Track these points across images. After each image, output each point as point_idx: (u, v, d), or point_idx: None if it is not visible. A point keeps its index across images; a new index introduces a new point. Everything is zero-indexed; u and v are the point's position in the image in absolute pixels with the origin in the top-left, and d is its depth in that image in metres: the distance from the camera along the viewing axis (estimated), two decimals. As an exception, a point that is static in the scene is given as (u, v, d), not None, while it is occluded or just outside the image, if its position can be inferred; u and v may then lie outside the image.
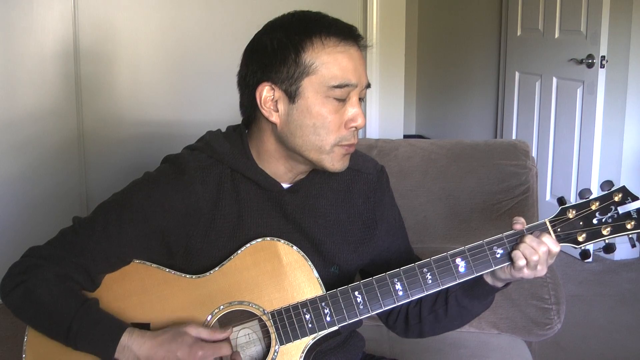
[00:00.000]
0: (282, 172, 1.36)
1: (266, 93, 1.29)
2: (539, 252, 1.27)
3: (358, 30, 1.31)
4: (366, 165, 1.46)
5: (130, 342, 1.27)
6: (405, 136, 4.20)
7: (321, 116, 1.27)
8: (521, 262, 1.27)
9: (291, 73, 1.26)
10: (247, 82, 1.31)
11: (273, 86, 1.28)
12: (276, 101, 1.29)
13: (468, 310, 1.40)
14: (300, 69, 1.26)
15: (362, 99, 1.32)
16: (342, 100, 1.28)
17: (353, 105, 1.29)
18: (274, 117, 1.30)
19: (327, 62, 1.26)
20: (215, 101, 3.36)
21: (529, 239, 1.28)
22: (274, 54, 1.27)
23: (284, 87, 1.27)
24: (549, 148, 4.13)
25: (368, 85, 1.32)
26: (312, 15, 1.31)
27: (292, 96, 1.27)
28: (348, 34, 1.28)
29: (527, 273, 1.29)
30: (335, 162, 1.31)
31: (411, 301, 1.35)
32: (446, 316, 1.42)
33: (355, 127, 1.29)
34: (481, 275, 1.33)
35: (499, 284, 1.36)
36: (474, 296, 1.38)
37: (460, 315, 1.42)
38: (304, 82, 1.26)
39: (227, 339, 1.31)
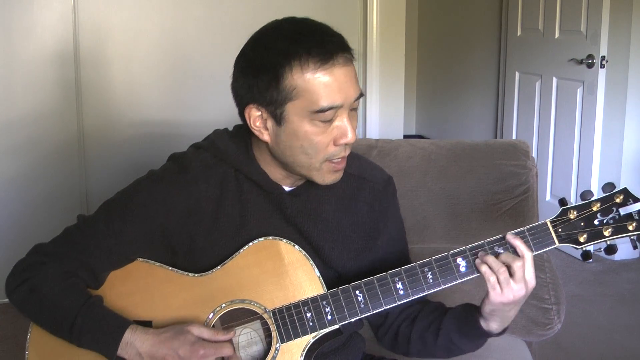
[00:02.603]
0: (281, 178, 1.36)
1: (254, 113, 1.27)
2: (497, 271, 1.25)
3: (344, 41, 1.25)
4: (373, 174, 1.45)
5: (133, 339, 1.28)
6: (405, 136, 4.20)
7: (308, 139, 1.25)
8: (492, 278, 1.26)
9: (274, 98, 1.24)
10: (237, 99, 1.30)
11: (259, 107, 1.26)
12: (265, 120, 1.27)
13: (456, 345, 1.38)
14: (282, 95, 1.23)
15: (355, 109, 1.29)
16: (329, 121, 1.25)
17: (342, 121, 1.25)
18: (265, 136, 1.29)
19: (309, 87, 1.22)
20: (215, 102, 3.36)
21: (491, 259, 1.26)
22: (257, 77, 1.24)
23: (270, 110, 1.26)
24: (549, 148, 4.13)
25: (360, 95, 1.28)
26: (294, 31, 1.26)
27: (277, 119, 1.26)
28: (330, 53, 1.22)
29: (502, 296, 1.25)
30: (325, 177, 1.31)
31: (411, 317, 1.37)
32: (435, 345, 1.40)
33: (345, 144, 1.27)
34: (475, 316, 1.33)
35: (493, 326, 1.32)
36: (466, 335, 1.37)
37: (447, 348, 1.40)
38: (287, 106, 1.24)
39: (229, 341, 1.31)
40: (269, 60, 1.23)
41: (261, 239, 1.33)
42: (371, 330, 1.53)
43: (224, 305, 1.32)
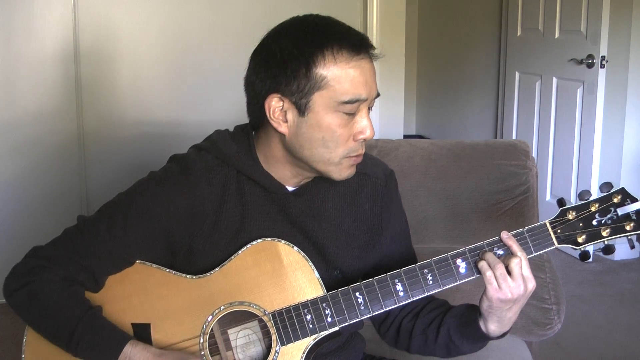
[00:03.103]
0: (288, 177, 1.35)
1: (275, 104, 1.27)
2: (494, 268, 1.26)
3: (370, 40, 1.28)
4: (375, 169, 1.45)
5: (133, 353, 1.27)
6: (405, 136, 4.20)
7: (330, 130, 1.26)
8: (488, 273, 1.26)
9: (302, 87, 1.23)
10: (256, 91, 1.29)
11: (282, 97, 1.26)
12: (285, 112, 1.27)
13: (456, 345, 1.39)
14: (311, 83, 1.23)
15: (370, 108, 1.30)
16: (352, 114, 1.26)
17: (362, 117, 1.27)
18: (283, 128, 1.28)
19: (339, 77, 1.23)
20: (216, 101, 3.36)
21: (489, 255, 1.27)
22: (284, 65, 1.24)
23: (293, 100, 1.25)
24: (549, 148, 4.14)
25: (377, 95, 1.30)
26: (323, 24, 1.27)
27: (301, 109, 1.25)
28: (360, 47, 1.24)
29: (497, 295, 1.26)
30: (342, 173, 1.31)
31: (415, 313, 1.37)
32: (435, 342, 1.40)
33: (364, 139, 1.28)
34: (475, 317, 1.33)
35: (491, 327, 1.32)
36: (464, 335, 1.37)
37: (447, 347, 1.40)
38: (315, 96, 1.24)
39: None
40: (300, 49, 1.23)
41: (260, 240, 1.32)
42: (371, 330, 1.53)
43: (222, 307, 1.32)
